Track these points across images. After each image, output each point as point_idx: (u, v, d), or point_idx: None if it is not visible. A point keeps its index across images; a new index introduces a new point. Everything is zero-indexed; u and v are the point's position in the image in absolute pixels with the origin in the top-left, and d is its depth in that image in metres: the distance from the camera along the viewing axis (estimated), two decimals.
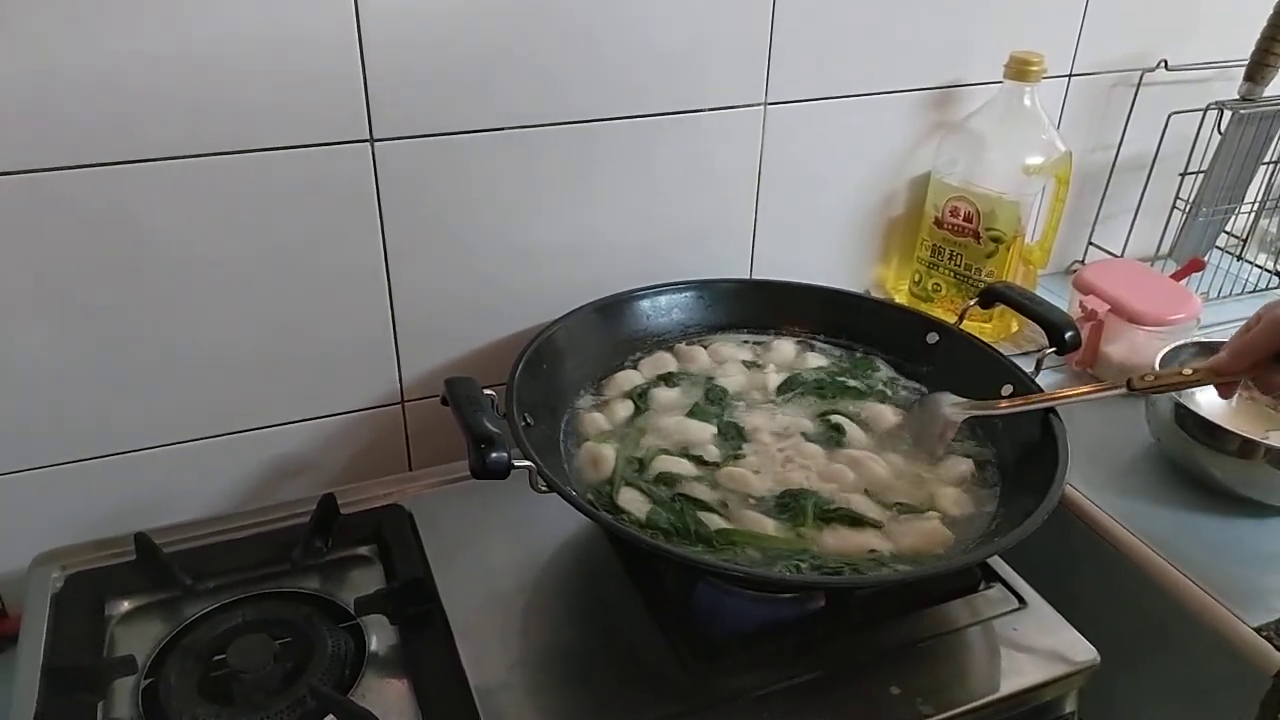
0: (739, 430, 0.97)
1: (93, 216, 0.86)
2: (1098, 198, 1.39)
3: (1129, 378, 0.88)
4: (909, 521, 0.87)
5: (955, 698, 0.81)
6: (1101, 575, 0.98)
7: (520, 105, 0.98)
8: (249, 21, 0.84)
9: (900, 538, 0.85)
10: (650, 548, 0.79)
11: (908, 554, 0.84)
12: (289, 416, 1.04)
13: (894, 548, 0.84)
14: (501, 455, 0.74)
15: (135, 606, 0.90)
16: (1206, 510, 1.00)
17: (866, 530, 0.86)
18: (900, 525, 0.87)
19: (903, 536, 0.85)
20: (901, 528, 0.86)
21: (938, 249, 1.24)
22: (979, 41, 1.18)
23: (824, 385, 1.03)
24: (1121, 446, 1.09)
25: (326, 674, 0.82)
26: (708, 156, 1.10)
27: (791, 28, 1.06)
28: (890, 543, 0.85)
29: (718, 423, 0.98)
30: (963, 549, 0.84)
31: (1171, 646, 0.93)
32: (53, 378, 0.92)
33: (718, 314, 1.12)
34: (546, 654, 0.85)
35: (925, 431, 0.96)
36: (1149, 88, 1.31)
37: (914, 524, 0.87)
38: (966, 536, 0.86)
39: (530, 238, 1.05)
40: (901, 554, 0.83)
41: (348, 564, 0.95)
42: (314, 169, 0.92)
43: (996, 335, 1.24)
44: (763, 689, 0.81)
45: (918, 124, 1.21)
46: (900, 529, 0.86)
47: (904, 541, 0.85)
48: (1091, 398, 0.91)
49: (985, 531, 0.86)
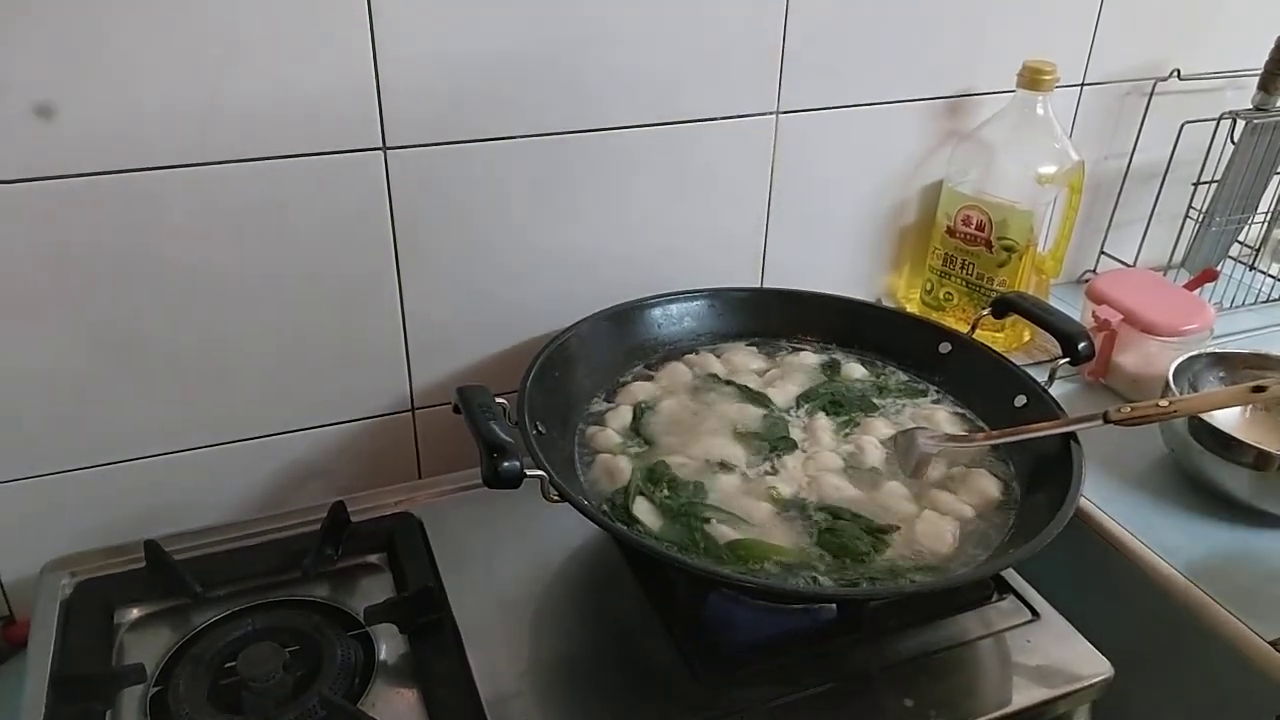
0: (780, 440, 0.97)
1: (105, 224, 0.86)
2: (1110, 207, 1.38)
3: (1105, 411, 0.88)
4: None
5: (968, 710, 0.81)
6: (1115, 587, 0.97)
7: (534, 114, 0.98)
8: (264, 31, 0.84)
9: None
10: (666, 559, 0.79)
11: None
12: (300, 424, 1.04)
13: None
14: (514, 464, 0.73)
15: (145, 614, 0.90)
16: (1221, 522, 0.99)
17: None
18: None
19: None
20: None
21: (950, 258, 1.23)
22: (991, 50, 1.18)
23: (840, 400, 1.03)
24: (1135, 458, 1.08)
25: (336, 683, 0.82)
26: (720, 165, 1.10)
27: (804, 37, 1.06)
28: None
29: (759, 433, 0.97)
30: (976, 561, 0.83)
31: (1185, 660, 0.92)
32: (64, 385, 0.92)
33: (729, 322, 1.12)
34: (557, 664, 0.85)
35: (905, 463, 0.95)
36: (1162, 97, 1.30)
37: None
38: (980, 548, 0.85)
39: (542, 246, 1.05)
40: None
41: (358, 572, 0.95)
42: (327, 177, 0.92)
43: (1009, 345, 1.23)
44: (775, 700, 0.81)
45: (930, 133, 1.21)
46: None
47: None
48: (1068, 429, 0.90)
49: (999, 544, 0.85)
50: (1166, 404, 0.81)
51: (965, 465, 0.95)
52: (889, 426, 1.00)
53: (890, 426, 0.99)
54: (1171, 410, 0.81)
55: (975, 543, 0.86)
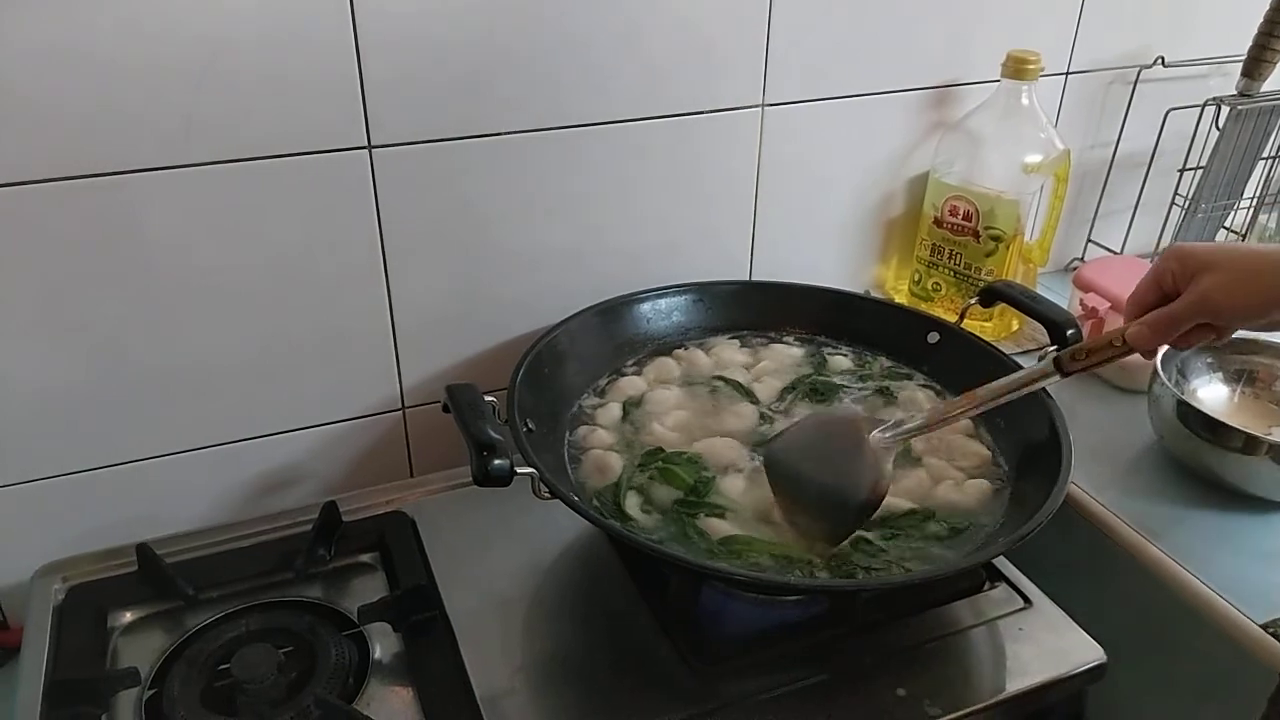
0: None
1: (91, 227, 0.86)
2: (1097, 195, 1.38)
3: (1058, 357, 0.83)
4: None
5: (962, 699, 0.81)
6: (1106, 574, 0.97)
7: (519, 110, 0.98)
8: (246, 29, 0.84)
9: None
10: (658, 554, 0.79)
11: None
12: (290, 424, 1.04)
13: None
14: (504, 463, 0.73)
15: (138, 617, 0.90)
16: (1211, 507, 1.00)
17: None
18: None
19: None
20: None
21: (937, 248, 1.23)
22: (976, 40, 1.18)
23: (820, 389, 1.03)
24: (1125, 444, 1.09)
25: (330, 683, 0.82)
26: (706, 159, 1.10)
27: (788, 29, 1.06)
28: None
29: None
30: (967, 550, 0.84)
31: (1177, 645, 0.92)
32: (53, 388, 0.91)
33: (718, 316, 1.12)
34: (551, 660, 0.85)
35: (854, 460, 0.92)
36: (1146, 84, 1.31)
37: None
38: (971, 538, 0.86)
39: (529, 242, 1.05)
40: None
41: (350, 572, 0.95)
42: (312, 176, 0.92)
43: (997, 334, 1.24)
44: (768, 692, 0.81)
45: (916, 124, 1.21)
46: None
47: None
48: (1023, 391, 0.85)
49: (990, 532, 0.86)
50: (1120, 343, 0.79)
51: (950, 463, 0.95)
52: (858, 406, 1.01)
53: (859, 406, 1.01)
54: (1124, 349, 0.81)
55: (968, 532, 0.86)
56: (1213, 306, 0.74)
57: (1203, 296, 0.74)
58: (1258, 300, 0.73)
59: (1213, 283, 0.74)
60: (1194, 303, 0.75)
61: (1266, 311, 0.74)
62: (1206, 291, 0.74)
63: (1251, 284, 0.73)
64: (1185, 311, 0.75)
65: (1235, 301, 0.74)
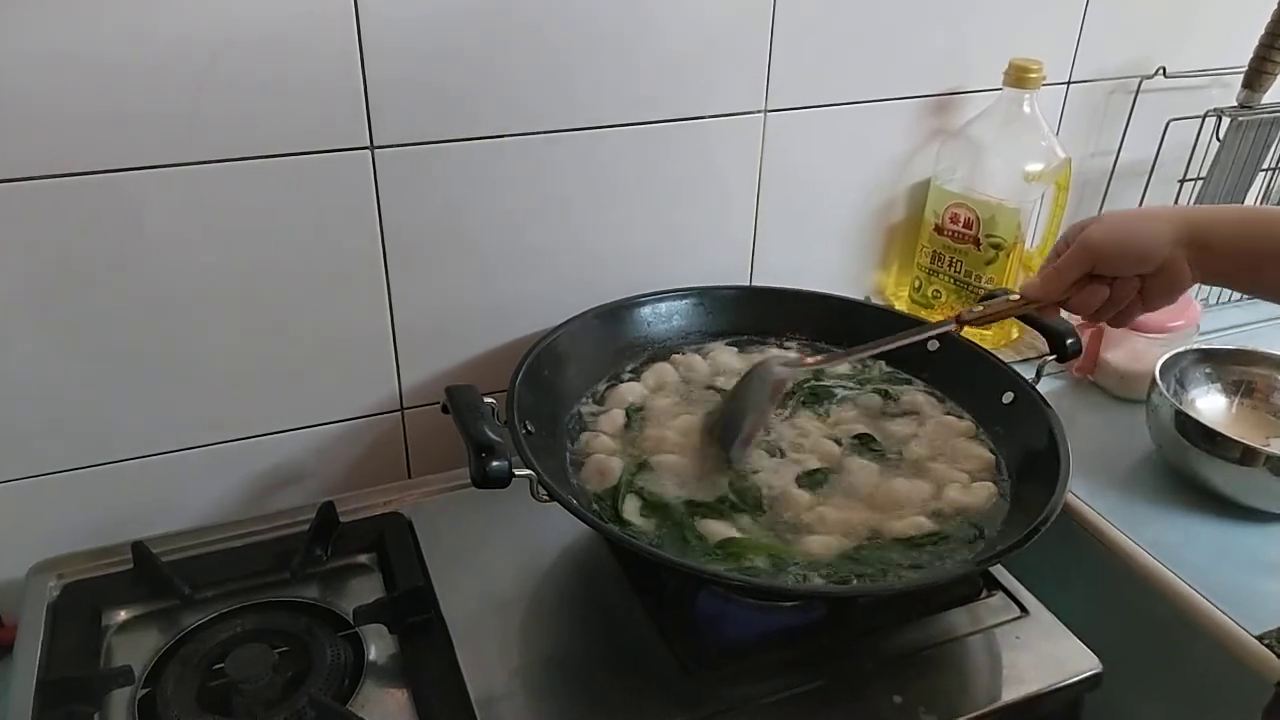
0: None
1: (90, 224, 0.86)
2: (1097, 204, 1.39)
3: (959, 313, 0.90)
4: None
5: (957, 706, 0.81)
6: (1103, 583, 0.98)
7: (521, 112, 0.98)
8: (249, 28, 0.84)
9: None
10: (656, 558, 0.79)
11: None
12: (288, 424, 1.03)
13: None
14: (502, 464, 0.73)
15: (132, 616, 0.90)
16: (1208, 517, 1.00)
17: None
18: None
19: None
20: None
21: (938, 255, 1.23)
22: (978, 49, 1.18)
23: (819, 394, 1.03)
24: (1122, 454, 1.09)
25: (325, 684, 0.82)
26: (708, 163, 1.10)
27: (791, 35, 1.06)
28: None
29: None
30: (964, 559, 0.84)
31: (1173, 655, 0.93)
32: (49, 385, 0.91)
33: (718, 321, 1.12)
34: (547, 663, 0.85)
35: (762, 396, 0.94)
36: (1148, 94, 1.31)
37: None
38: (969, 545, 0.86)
39: (531, 244, 1.05)
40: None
41: (347, 572, 0.95)
42: (314, 176, 0.92)
43: (997, 342, 1.24)
44: (765, 698, 0.81)
45: (917, 131, 1.21)
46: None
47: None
48: (921, 336, 0.95)
49: (987, 540, 0.86)
50: (1016, 299, 0.87)
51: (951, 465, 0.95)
52: (853, 409, 1.01)
53: (855, 408, 1.02)
54: (1019, 305, 0.87)
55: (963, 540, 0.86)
56: (1094, 251, 0.80)
57: (1083, 241, 0.80)
58: (1135, 241, 0.79)
59: (1094, 230, 0.80)
60: (1076, 249, 0.81)
61: (1146, 256, 0.79)
62: (1087, 237, 0.80)
63: (1129, 225, 0.80)
64: (1069, 259, 0.81)
65: (1112, 240, 0.79)
